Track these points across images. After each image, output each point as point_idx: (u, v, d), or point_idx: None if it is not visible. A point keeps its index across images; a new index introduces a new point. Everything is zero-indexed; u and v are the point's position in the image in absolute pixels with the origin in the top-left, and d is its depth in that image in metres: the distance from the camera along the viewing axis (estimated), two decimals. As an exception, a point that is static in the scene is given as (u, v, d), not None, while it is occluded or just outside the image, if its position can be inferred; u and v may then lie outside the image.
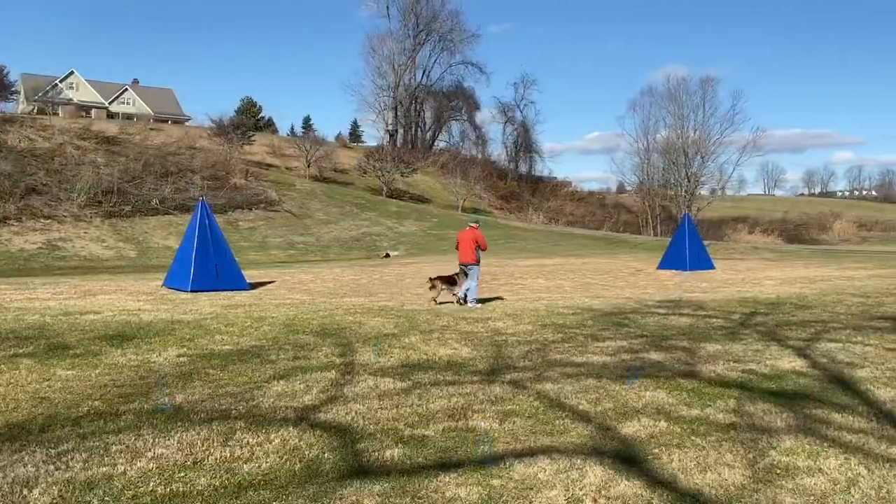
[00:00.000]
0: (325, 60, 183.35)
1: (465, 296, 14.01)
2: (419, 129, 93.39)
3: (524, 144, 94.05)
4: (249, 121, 76.75)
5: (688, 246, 25.45)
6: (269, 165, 64.18)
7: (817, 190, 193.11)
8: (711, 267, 25.48)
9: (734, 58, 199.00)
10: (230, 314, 12.15)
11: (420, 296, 16.16)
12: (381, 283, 19.97)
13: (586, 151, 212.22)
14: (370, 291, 17.28)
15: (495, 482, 4.37)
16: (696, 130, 75.75)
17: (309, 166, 64.82)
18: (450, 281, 14.24)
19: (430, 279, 14.54)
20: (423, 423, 5.63)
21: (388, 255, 39.59)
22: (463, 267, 14.17)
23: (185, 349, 8.90)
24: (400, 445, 5.08)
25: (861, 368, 7.67)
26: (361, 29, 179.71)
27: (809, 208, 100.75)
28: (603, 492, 4.22)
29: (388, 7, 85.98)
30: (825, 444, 5.05)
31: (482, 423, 5.60)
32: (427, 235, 48.37)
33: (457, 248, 14.62)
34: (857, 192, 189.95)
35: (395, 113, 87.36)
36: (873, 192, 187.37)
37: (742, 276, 22.41)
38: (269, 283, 19.77)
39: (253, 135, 65.88)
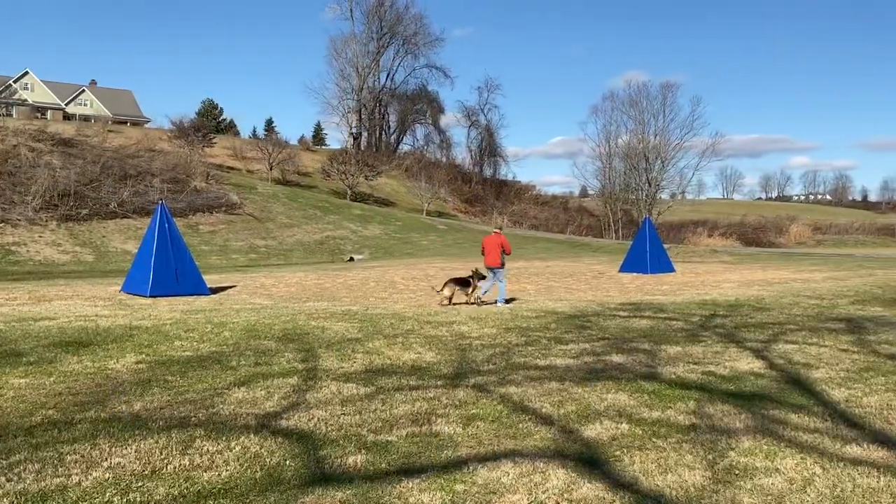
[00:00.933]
0: (288, 63, 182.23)
1: (481, 296, 15.01)
2: (383, 133, 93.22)
3: (488, 148, 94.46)
4: (210, 123, 75.82)
5: (649, 249, 25.82)
6: (231, 168, 63.41)
7: (774, 194, 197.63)
8: (672, 270, 25.87)
9: (693, 64, 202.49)
10: (190, 320, 11.96)
11: (384, 299, 16.10)
12: (345, 287, 19.85)
13: (550, 156, 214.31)
14: (334, 296, 17.16)
15: (459, 487, 4.36)
16: (656, 135, 76.84)
17: (271, 169, 64.21)
18: (464, 283, 14.66)
19: (446, 282, 15.01)
20: (387, 428, 5.60)
21: (352, 259, 39.38)
22: (489, 270, 15.11)
23: (143, 356, 8.73)
24: (363, 451, 5.04)
25: (816, 369, 7.84)
26: (325, 31, 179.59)
27: (767, 212, 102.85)
28: (566, 495, 4.24)
29: (351, 10, 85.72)
30: (782, 444, 5.14)
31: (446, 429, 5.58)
32: (392, 239, 48.23)
33: (482, 252, 15.53)
34: (812, 197, 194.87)
35: (359, 116, 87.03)
36: (827, 196, 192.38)
37: (701, 278, 22.78)
38: (231, 287, 19.52)
39: (214, 137, 65.03)
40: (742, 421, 5.77)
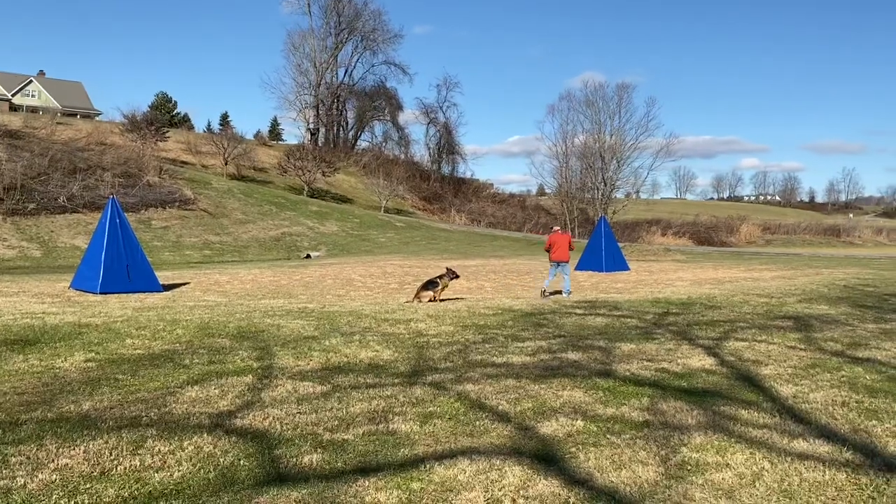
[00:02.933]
0: (245, 57, 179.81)
1: (546, 287, 16.48)
2: (341, 129, 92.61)
3: (447, 146, 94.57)
4: (164, 117, 74.30)
5: (604, 248, 26.18)
6: (185, 163, 62.28)
7: (726, 194, 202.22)
8: (626, 268, 26.27)
9: (648, 66, 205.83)
10: (142, 317, 11.72)
11: (341, 297, 16.00)
12: (302, 284, 19.68)
13: (507, 154, 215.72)
14: (290, 293, 16.99)
15: (415, 485, 4.36)
16: (612, 136, 77.81)
17: (226, 164, 63.26)
18: (433, 284, 14.90)
19: (418, 290, 15.16)
20: (343, 427, 5.56)
21: (308, 256, 39.04)
22: (556, 264, 16.88)
23: (93, 354, 8.52)
24: (319, 450, 4.99)
25: (765, 366, 8.03)
26: (282, 25, 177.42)
27: (718, 212, 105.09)
28: (522, 492, 4.26)
29: (309, 4, 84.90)
30: (733, 439, 5.26)
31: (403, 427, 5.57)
32: (349, 236, 47.95)
33: (546, 249, 17.38)
34: (762, 197, 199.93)
35: (317, 111, 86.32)
36: (777, 197, 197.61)
37: (655, 277, 23.18)
38: (184, 284, 19.19)
39: (167, 131, 63.75)
40: (694, 417, 5.88)
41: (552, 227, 18.91)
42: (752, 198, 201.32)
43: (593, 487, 4.34)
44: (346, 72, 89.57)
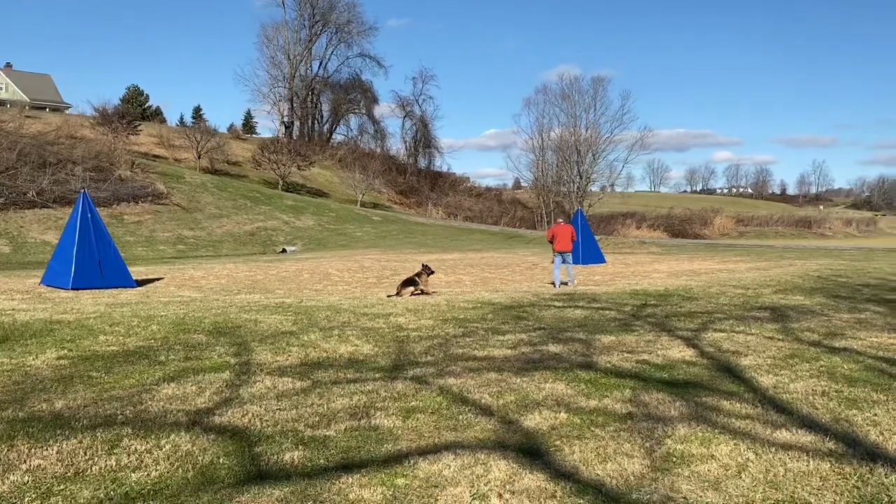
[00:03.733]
0: (217, 49, 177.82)
1: (564, 280, 17.14)
2: (316, 122, 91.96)
3: (423, 139, 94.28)
4: (136, 110, 73.13)
5: (580, 241, 26.23)
6: (157, 157, 61.45)
7: (699, 187, 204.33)
8: (602, 261, 26.37)
9: (622, 60, 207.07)
10: (115, 313, 11.50)
11: (319, 291, 15.86)
12: (278, 279, 19.48)
13: (483, 148, 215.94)
14: (266, 288, 16.81)
15: (399, 481, 4.29)
16: (587, 129, 78.11)
17: (199, 158, 62.52)
18: (413, 282, 14.80)
19: (400, 287, 14.96)
20: (325, 423, 5.47)
21: (284, 251, 38.72)
22: (560, 254, 17.40)
23: (65, 351, 8.33)
24: (300, 447, 4.90)
25: (745, 357, 8.07)
26: (255, 17, 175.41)
27: (692, 204, 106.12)
28: (508, 486, 4.21)
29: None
30: (716, 430, 5.25)
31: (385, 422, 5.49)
32: (325, 230, 47.65)
33: (550, 241, 17.83)
34: (734, 190, 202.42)
35: (291, 104, 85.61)
36: (749, 190, 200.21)
37: (632, 269, 23.30)
38: (158, 279, 18.91)
39: (139, 124, 62.79)
40: (677, 409, 5.87)
41: (557, 219, 19.47)
42: (725, 190, 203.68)
43: (579, 481, 4.30)
44: (320, 64, 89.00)
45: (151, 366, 7.57)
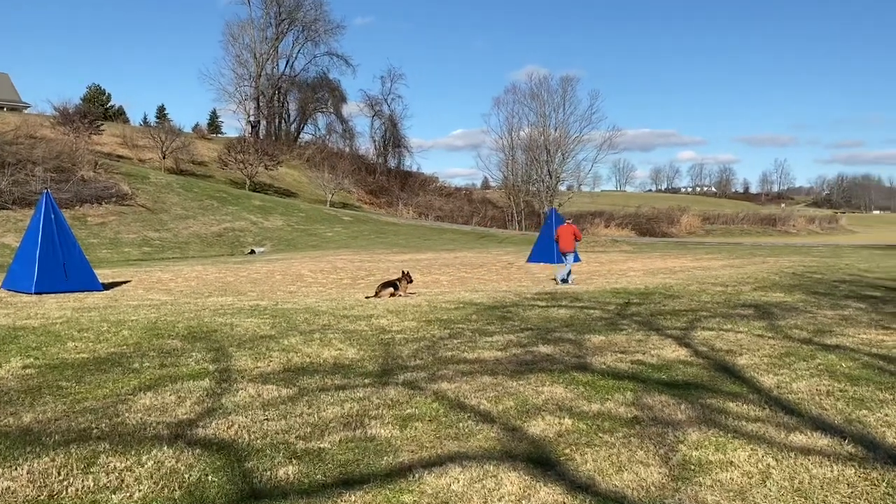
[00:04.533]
0: (181, 48, 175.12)
1: (565, 277, 17.26)
2: (283, 121, 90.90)
3: (392, 139, 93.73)
4: (98, 109, 71.44)
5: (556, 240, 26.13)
6: (121, 157, 60.11)
7: (664, 186, 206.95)
8: (577, 259, 26.26)
9: (589, 60, 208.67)
10: (83, 318, 10.98)
11: (293, 293, 15.44)
12: (249, 280, 18.99)
13: (452, 148, 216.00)
14: (238, 290, 16.33)
15: (407, 498, 3.98)
16: (557, 128, 78.38)
17: (164, 158, 61.31)
18: (393, 285, 14.43)
19: (378, 289, 14.54)
20: (317, 434, 5.13)
21: (253, 252, 38.04)
22: (564, 253, 18.07)
23: (31, 359, 7.84)
24: (294, 461, 4.56)
25: (740, 356, 7.90)
26: (220, 15, 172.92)
27: (658, 203, 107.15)
28: (524, 501, 3.93)
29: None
30: (729, 434, 5.04)
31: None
32: (295, 230, 46.97)
33: (556, 240, 18.64)
34: (699, 189, 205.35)
35: (258, 103, 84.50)
36: (713, 189, 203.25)
37: (607, 267, 23.24)
38: (125, 282, 18.30)
39: (102, 124, 61.34)
40: (683, 412, 5.65)
41: (565, 220, 20.66)
42: (690, 189, 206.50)
43: (598, 493, 4.04)
44: (287, 63, 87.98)
45: (125, 374, 7.14)
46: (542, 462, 4.53)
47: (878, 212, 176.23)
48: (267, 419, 5.51)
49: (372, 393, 6.28)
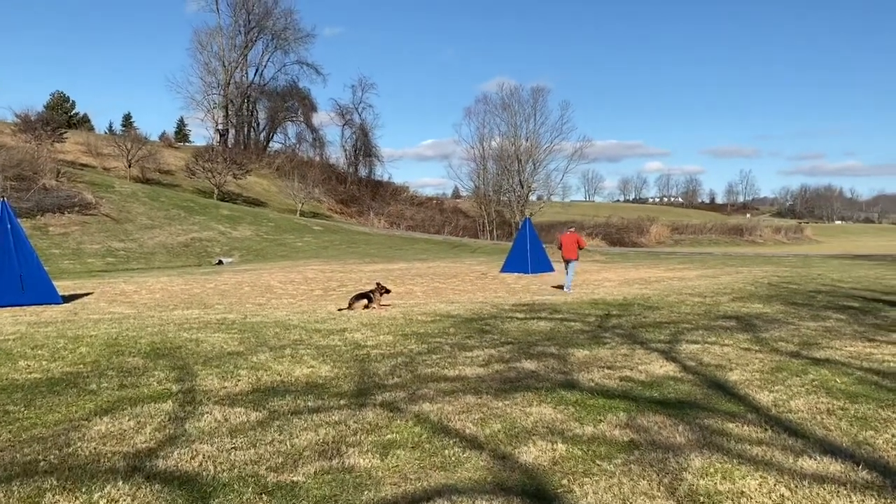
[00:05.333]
0: (148, 55, 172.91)
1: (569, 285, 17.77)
2: (252, 130, 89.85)
3: (363, 148, 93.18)
4: (61, 117, 69.86)
5: (529, 249, 25.86)
6: (85, 165, 58.77)
7: (632, 196, 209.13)
8: (551, 269, 26.02)
9: (557, 73, 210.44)
10: (38, 334, 10.36)
11: (262, 305, 14.91)
12: (217, 292, 18.38)
13: (421, 158, 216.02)
14: (205, 302, 15.74)
15: (392, 541, 3.57)
16: (528, 139, 78.45)
17: (130, 166, 60.06)
18: (367, 297, 13.88)
19: (352, 301, 13.98)
20: (290, 464, 4.69)
21: (220, 262, 37.23)
22: (566, 262, 18.34)
23: (-23, 381, 7.27)
24: (265, 497, 4.12)
25: (730, 371, 7.62)
26: (188, 23, 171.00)
27: (626, 213, 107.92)
28: (523, 544, 3.55)
29: (217, 1, 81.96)
30: (734, 460, 4.70)
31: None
32: (264, 240, 46.17)
33: (559, 247, 18.83)
34: (666, 199, 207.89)
35: (226, 112, 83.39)
36: (680, 199, 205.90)
37: (582, 277, 22.99)
38: (86, 295, 17.58)
39: (65, 132, 59.97)
40: (682, 434, 5.31)
41: (568, 228, 21.26)
42: (657, 199, 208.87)
43: (603, 532, 3.66)
44: (256, 71, 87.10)
45: (81, 396, 6.62)
46: (538, 495, 4.14)
47: (839, 222, 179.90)
48: (235, 447, 5.05)
49: (348, 416, 5.84)
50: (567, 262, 18.34)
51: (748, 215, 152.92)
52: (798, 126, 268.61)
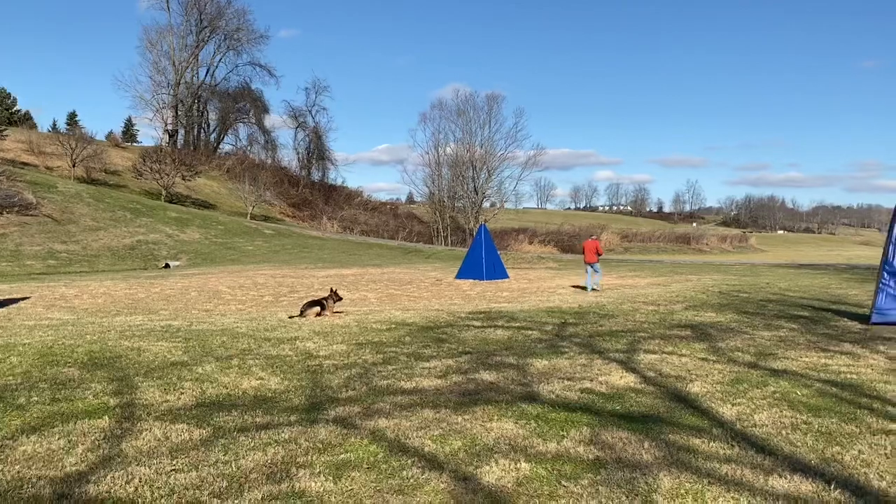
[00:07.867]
0: (96, 53, 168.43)
1: (595, 286, 20.06)
2: (202, 131, 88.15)
3: (317, 151, 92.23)
4: (2, 114, 67.37)
5: (484, 256, 25.74)
6: (26, 164, 56.72)
7: (583, 204, 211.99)
8: (506, 276, 25.96)
9: (511, 80, 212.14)
10: (-35, 342, 9.73)
11: (209, 312, 14.38)
12: (162, 297, 17.73)
13: (376, 162, 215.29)
14: (149, 308, 15.13)
15: (346, 577, 3.27)
16: (482, 145, 78.66)
17: (74, 166, 58.19)
18: (320, 304, 13.43)
19: (303, 308, 13.49)
20: (235, 489, 4.34)
21: (167, 266, 36.20)
22: (589, 265, 20.31)
23: None
24: (207, 528, 3.78)
25: (691, 382, 7.50)
26: (137, 20, 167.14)
27: (578, 221, 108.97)
28: (489, 578, 3.28)
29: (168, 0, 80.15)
30: (704, 480, 4.53)
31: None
32: (213, 244, 45.11)
33: (583, 252, 20.86)
34: (616, 207, 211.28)
35: (176, 112, 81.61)
36: (629, 207, 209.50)
37: (536, 284, 22.96)
38: (23, 299, 16.77)
39: (5, 129, 57.80)
40: (648, 451, 5.13)
41: (591, 235, 25.43)
42: (607, 207, 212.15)
43: (574, 563, 3.43)
44: (207, 71, 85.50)
45: (6, 412, 6.13)
46: (502, 521, 3.89)
47: (781, 231, 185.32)
48: (175, 470, 4.67)
49: (299, 433, 5.51)
50: (588, 265, 20.21)
51: (694, 224, 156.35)
52: (745, 137, 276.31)
